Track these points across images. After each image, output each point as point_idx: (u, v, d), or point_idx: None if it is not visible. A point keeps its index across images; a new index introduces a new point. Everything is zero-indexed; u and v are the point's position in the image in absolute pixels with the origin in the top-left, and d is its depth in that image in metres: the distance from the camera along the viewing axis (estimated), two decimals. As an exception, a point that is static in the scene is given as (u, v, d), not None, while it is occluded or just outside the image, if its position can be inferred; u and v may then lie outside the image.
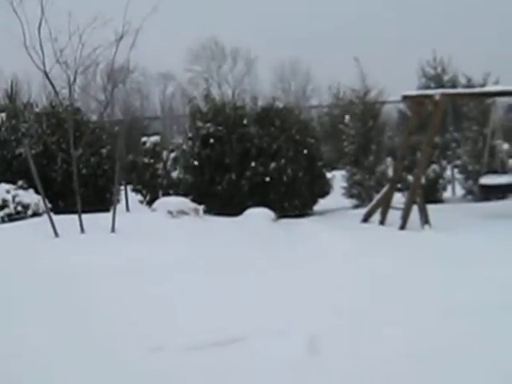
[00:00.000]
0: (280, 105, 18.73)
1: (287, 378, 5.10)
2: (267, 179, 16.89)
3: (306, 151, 17.62)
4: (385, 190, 15.14)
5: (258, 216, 15.08)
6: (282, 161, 17.06)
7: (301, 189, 17.31)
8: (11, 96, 21.25)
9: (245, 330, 6.25)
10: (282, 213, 16.08)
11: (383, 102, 21.18)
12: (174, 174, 18.42)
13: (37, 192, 14.28)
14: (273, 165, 17.00)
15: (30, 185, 14.98)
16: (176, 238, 12.26)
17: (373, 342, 5.85)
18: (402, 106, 24.35)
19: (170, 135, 29.68)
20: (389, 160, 19.11)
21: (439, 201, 18.93)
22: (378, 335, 6.04)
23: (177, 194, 16.97)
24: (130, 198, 19.30)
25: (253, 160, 17.10)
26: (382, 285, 8.11)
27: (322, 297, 7.59)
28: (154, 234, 12.44)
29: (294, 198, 17.21)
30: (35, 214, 14.85)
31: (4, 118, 17.74)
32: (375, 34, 57.19)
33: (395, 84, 20.87)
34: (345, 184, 19.79)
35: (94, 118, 20.23)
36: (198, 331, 6.34)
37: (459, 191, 20.70)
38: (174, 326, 6.63)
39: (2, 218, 14.77)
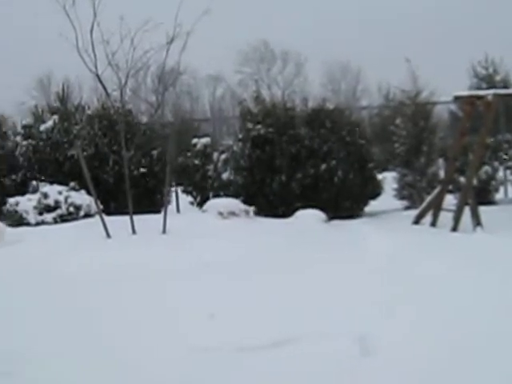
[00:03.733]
0: (330, 106, 18.65)
1: (341, 380, 5.06)
2: (317, 181, 16.83)
3: (356, 153, 17.51)
4: (436, 191, 14.98)
5: (309, 217, 15.04)
6: (333, 162, 16.98)
7: (352, 190, 17.20)
8: (63, 99, 21.50)
9: (299, 331, 6.24)
10: (333, 214, 15.98)
11: (434, 103, 20.96)
12: (225, 176, 18.44)
13: (89, 193, 14.45)
14: (323, 166, 16.93)
15: (82, 186, 15.16)
16: (228, 238, 12.26)
17: (420, 343, 5.79)
18: (453, 106, 24.12)
19: (219, 137, 29.77)
20: (440, 161, 18.89)
21: (491, 202, 18.62)
22: (427, 335, 5.98)
23: (227, 195, 16.98)
24: (180, 199, 19.38)
25: (303, 161, 17.04)
26: (432, 286, 8.01)
27: (372, 297, 7.53)
28: (205, 235, 12.47)
29: (345, 200, 17.11)
30: (87, 215, 15.02)
31: (56, 121, 17.95)
32: (426, 34, 56.68)
33: (446, 84, 20.65)
34: (396, 185, 19.60)
35: (145, 119, 20.33)
36: (250, 332, 6.34)
37: (512, 193, 20.44)
38: (225, 326, 6.63)
39: (55, 218, 14.96)
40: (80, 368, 5.54)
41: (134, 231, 12.94)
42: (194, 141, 19.08)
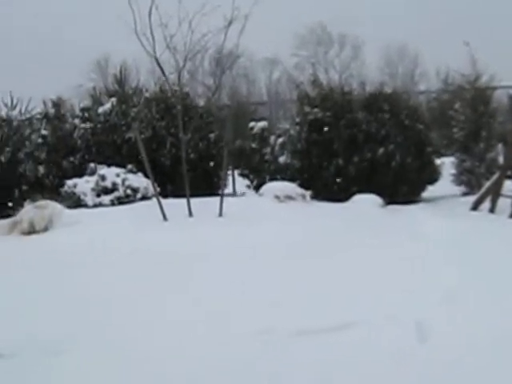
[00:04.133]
0: (388, 90, 18.47)
1: (398, 366, 5.00)
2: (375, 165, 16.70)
3: (414, 137, 17.32)
4: (495, 177, 14.74)
5: (366, 202, 14.94)
6: (391, 146, 16.83)
7: (409, 175, 17.02)
8: (120, 81, 21.62)
9: (356, 315, 6.19)
10: (390, 199, 15.83)
11: (495, 88, 20.58)
12: (281, 159, 18.42)
13: (146, 176, 14.54)
14: (381, 150, 16.78)
15: (139, 169, 15.26)
16: (284, 222, 12.25)
17: (479, 330, 5.69)
18: (514, 91, 23.64)
19: (276, 120, 29.72)
20: (499, 147, 18.54)
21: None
22: (487, 323, 5.87)
23: (284, 179, 16.94)
24: (237, 182, 19.40)
25: (360, 145, 16.92)
26: (492, 272, 7.88)
27: (430, 282, 7.44)
28: (261, 218, 12.45)
29: (402, 185, 16.94)
30: (144, 198, 15.10)
31: (114, 103, 18.08)
32: (485, 16, 55.61)
33: (507, 69, 20.26)
34: (454, 171, 19.34)
35: (202, 103, 20.35)
36: (308, 315, 6.31)
37: None
38: (284, 309, 6.62)
39: (112, 201, 15.08)
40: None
41: (190, 214, 12.99)
42: (251, 124, 19.08)
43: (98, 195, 15.16)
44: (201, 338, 5.81)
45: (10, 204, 15.85)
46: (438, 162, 18.60)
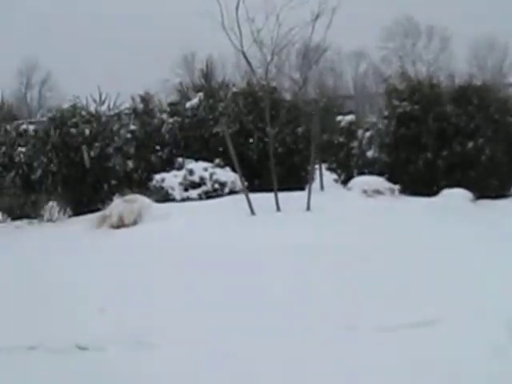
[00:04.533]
0: (478, 82, 18.03)
1: (489, 363, 4.84)
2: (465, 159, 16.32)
3: (504, 130, 16.85)
4: None
5: (456, 196, 14.60)
6: (480, 140, 16.41)
7: (499, 169, 16.56)
8: (207, 76, 21.74)
9: (441, 311, 6.05)
10: (479, 193, 15.44)
11: None
12: (369, 153, 18.20)
13: (233, 170, 14.55)
14: (470, 144, 16.38)
15: (227, 163, 15.30)
16: (373, 216, 12.08)
17: None
18: None
19: (362, 114, 29.44)
20: None
21: None
22: None
23: (371, 173, 16.72)
24: (324, 176, 19.26)
25: (449, 139, 16.56)
26: None
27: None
28: (349, 212, 12.32)
29: (492, 179, 16.49)
30: (231, 192, 15.13)
31: (201, 98, 18.15)
32: None
33: None
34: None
35: (288, 97, 20.27)
36: (391, 311, 6.20)
37: None
38: (368, 305, 6.51)
39: (200, 195, 15.16)
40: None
41: (278, 208, 12.94)
42: (339, 118, 18.91)
43: (186, 189, 15.25)
44: (291, 334, 5.76)
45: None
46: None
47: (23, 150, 17.33)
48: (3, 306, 7.32)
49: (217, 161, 16.04)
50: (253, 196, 13.14)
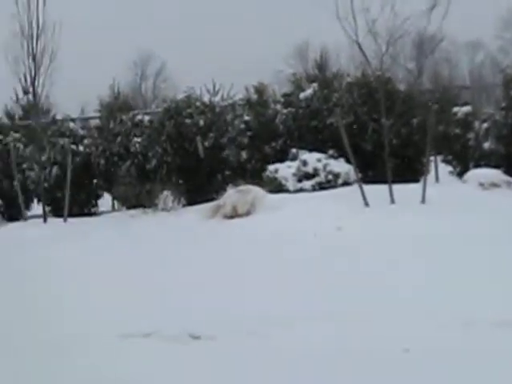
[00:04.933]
0: None
1: None
2: None
3: None
4: None
5: None
6: None
7: None
8: (321, 67, 21.62)
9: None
10: None
11: None
12: (486, 145, 17.70)
13: (347, 161, 14.45)
14: None
15: (341, 154, 15.20)
16: (489, 210, 11.73)
17: None
18: None
19: (479, 105, 28.71)
20: None
21: None
22: None
23: (488, 165, 16.25)
24: (439, 168, 18.87)
25: None
26: None
27: None
28: (465, 205, 11.99)
29: None
30: (345, 183, 15.01)
31: (316, 88, 18.06)
32: None
33: None
34: None
35: (403, 87, 19.95)
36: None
37: None
38: (485, 300, 6.32)
39: (313, 186, 15.11)
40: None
41: (392, 200, 12.74)
42: (455, 109, 18.47)
43: (300, 180, 15.23)
44: (409, 326, 5.65)
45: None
46: None
47: (138, 140, 17.67)
48: (122, 294, 7.47)
49: (330, 152, 15.95)
50: (366, 187, 13.00)
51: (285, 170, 15.46)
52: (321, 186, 14.98)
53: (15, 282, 8.61)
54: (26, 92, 17.30)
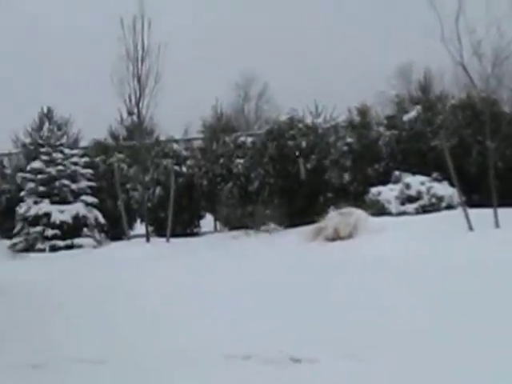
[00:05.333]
0: None
1: None
2: None
3: None
4: None
5: None
6: None
7: None
8: (425, 88, 21.41)
9: None
10: None
11: None
12: None
13: (451, 184, 14.24)
14: None
15: (444, 177, 14.98)
16: None
17: None
18: None
19: None
20: None
21: None
22: None
23: None
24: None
25: None
26: None
27: None
28: None
29: None
30: (449, 207, 14.79)
31: (419, 111, 17.87)
32: None
33: None
34: None
35: (508, 109, 19.51)
36: None
37: None
38: None
39: (416, 209, 14.96)
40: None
41: (497, 224, 12.46)
42: None
43: (402, 203, 15.09)
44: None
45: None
46: None
47: (241, 161, 17.84)
48: (224, 313, 7.52)
49: (434, 175, 15.73)
50: (471, 211, 12.75)
51: (387, 193, 15.35)
52: (424, 209, 14.81)
53: (123, 301, 8.75)
54: (130, 113, 17.72)
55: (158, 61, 16.55)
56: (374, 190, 15.56)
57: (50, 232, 16.40)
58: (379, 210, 14.85)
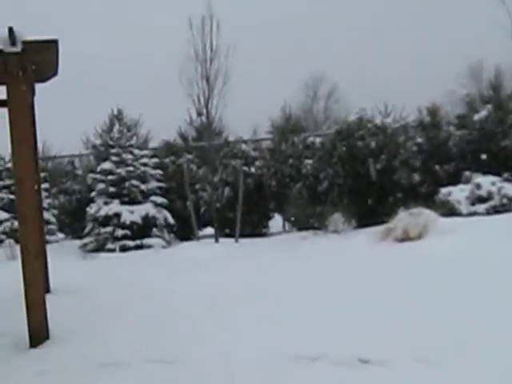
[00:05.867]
0: None
1: None
2: None
3: None
4: None
5: None
6: None
7: None
8: (496, 87, 21.06)
9: None
10: None
11: None
12: None
13: (523, 185, 14.04)
14: None
15: (516, 177, 14.79)
16: None
17: None
18: None
19: None
20: None
21: None
22: None
23: None
24: None
25: None
26: None
27: None
28: None
29: None
30: (518, 207, 14.59)
31: (490, 110, 17.60)
32: None
33: None
34: None
35: None
36: None
37: None
38: None
39: (487, 209, 14.73)
40: None
41: None
42: None
43: (473, 204, 14.89)
44: None
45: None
46: None
47: (310, 162, 17.82)
48: (293, 314, 7.52)
49: (505, 175, 15.49)
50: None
51: (458, 193, 15.17)
52: (495, 210, 14.58)
53: (200, 303, 8.81)
54: (199, 114, 17.85)
55: (226, 61, 16.66)
56: (444, 190, 15.40)
57: (120, 232, 16.61)
58: (449, 210, 14.68)
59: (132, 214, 16.93)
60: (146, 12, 49.43)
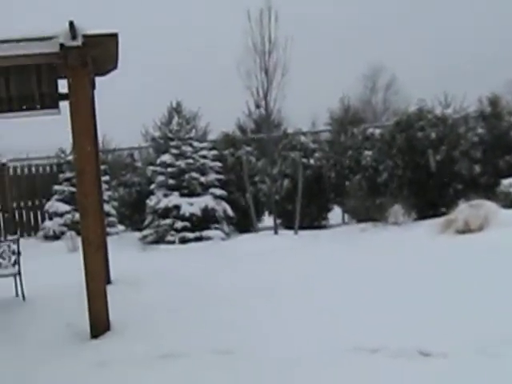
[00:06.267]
0: None
1: None
2: None
3: None
4: None
5: None
6: None
7: None
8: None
9: None
10: None
11: None
12: None
13: None
14: None
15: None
16: None
17: None
18: None
19: None
20: None
21: None
22: None
23: None
24: None
25: None
26: None
27: None
28: None
29: None
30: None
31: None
32: None
33: None
34: None
35: None
36: None
37: None
38: None
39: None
40: None
41: None
42: None
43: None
44: None
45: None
46: None
47: (369, 153, 17.73)
48: (353, 305, 7.53)
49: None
50: None
51: (518, 185, 14.97)
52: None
53: (260, 293, 8.86)
54: (258, 106, 17.83)
55: (285, 53, 16.60)
56: (505, 181, 15.17)
57: (179, 224, 16.71)
58: (510, 202, 14.47)
59: (191, 206, 17.01)
60: (204, 4, 49.61)
